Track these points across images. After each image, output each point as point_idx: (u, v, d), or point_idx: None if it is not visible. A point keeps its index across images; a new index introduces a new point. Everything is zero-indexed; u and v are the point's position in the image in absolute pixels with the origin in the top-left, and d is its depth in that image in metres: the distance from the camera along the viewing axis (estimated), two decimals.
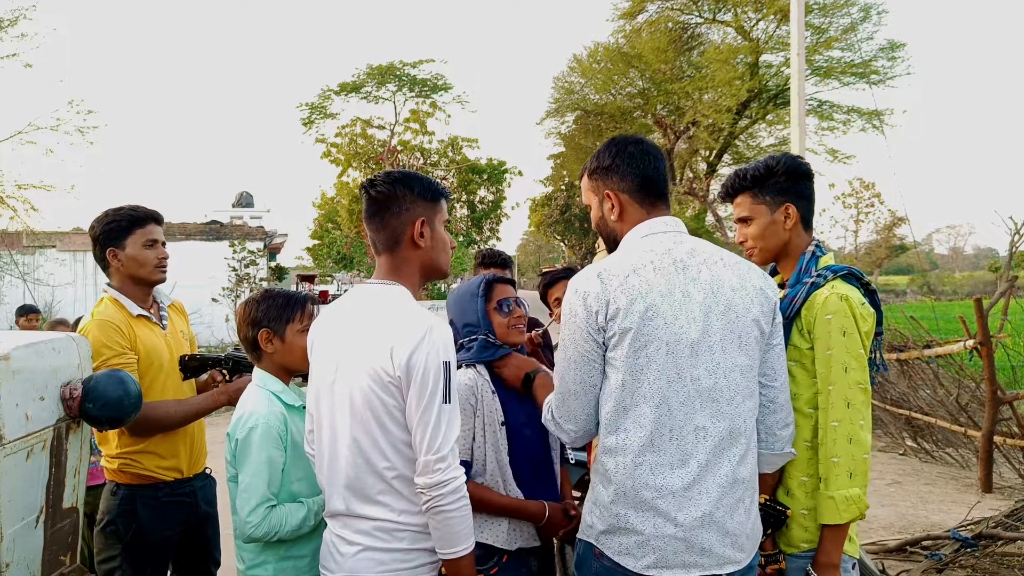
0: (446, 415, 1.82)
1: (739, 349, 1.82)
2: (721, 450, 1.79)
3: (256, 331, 2.33)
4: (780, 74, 23.82)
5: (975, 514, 5.02)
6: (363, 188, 2.03)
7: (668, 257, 1.85)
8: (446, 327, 1.90)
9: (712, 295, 1.82)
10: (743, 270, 1.90)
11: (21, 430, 1.90)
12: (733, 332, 1.82)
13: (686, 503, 1.76)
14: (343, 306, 2.05)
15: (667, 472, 1.77)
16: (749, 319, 1.84)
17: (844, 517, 1.98)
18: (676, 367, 1.77)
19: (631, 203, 1.97)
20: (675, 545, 1.76)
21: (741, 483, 1.81)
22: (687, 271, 1.84)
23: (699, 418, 1.78)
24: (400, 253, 1.99)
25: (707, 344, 1.79)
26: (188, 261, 17.03)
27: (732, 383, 1.81)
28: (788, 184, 2.19)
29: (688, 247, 1.89)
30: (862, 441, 2.00)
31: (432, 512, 1.80)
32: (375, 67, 30.80)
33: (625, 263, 1.85)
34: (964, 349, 6.25)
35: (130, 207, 2.76)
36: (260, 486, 2.15)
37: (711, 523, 1.77)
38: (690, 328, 1.78)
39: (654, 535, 1.76)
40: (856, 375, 2.01)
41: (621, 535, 1.80)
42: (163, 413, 2.63)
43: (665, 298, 1.79)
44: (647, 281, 1.80)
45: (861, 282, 2.16)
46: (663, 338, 1.77)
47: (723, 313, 1.81)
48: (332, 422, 1.95)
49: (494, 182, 33.69)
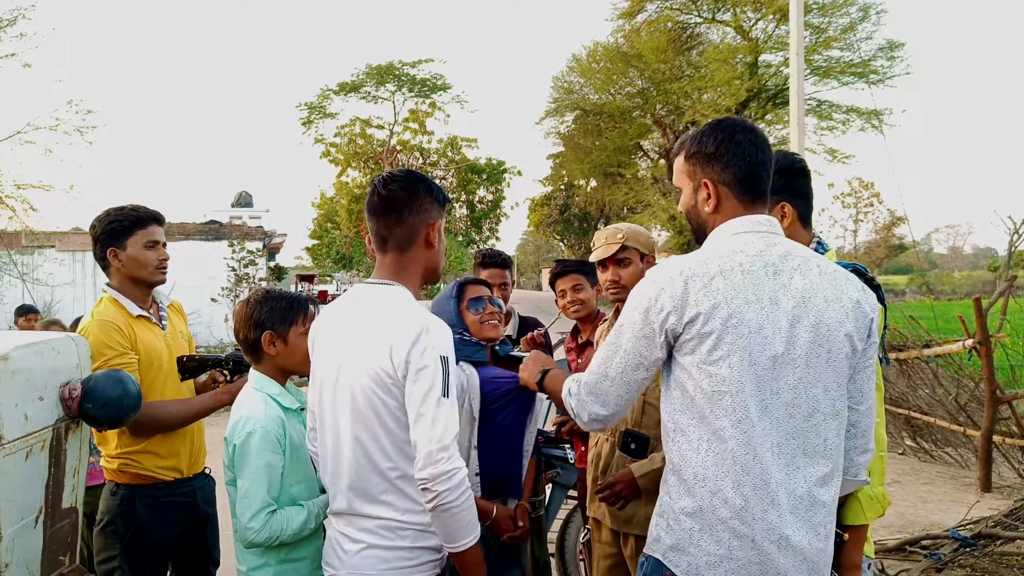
0: (445, 409, 1.81)
1: (826, 364, 1.70)
2: (797, 469, 1.68)
3: (259, 333, 2.31)
4: (779, 74, 23.84)
5: (974, 513, 5.02)
6: (382, 183, 1.99)
7: (760, 260, 1.72)
8: (444, 325, 1.91)
9: (802, 305, 1.70)
10: (839, 280, 1.77)
11: (20, 430, 1.89)
12: (821, 347, 1.70)
13: (763, 525, 1.65)
14: (344, 305, 2.05)
15: (747, 491, 1.65)
16: (841, 334, 1.71)
17: (869, 517, 1.96)
18: (756, 380, 1.66)
19: (729, 197, 1.82)
20: (750, 569, 1.66)
21: (822, 507, 1.70)
22: (778, 277, 1.71)
23: (775, 435, 1.67)
24: (409, 253, 1.99)
25: (791, 357, 1.68)
26: (187, 261, 17.03)
27: (812, 400, 1.69)
28: (782, 182, 2.14)
29: (782, 250, 1.76)
30: (879, 439, 1.97)
31: (438, 508, 1.79)
32: (374, 67, 30.84)
33: (712, 263, 1.72)
34: (963, 349, 6.26)
35: (132, 207, 2.75)
36: (260, 492, 2.15)
37: (788, 547, 1.66)
38: (775, 339, 1.67)
39: (727, 556, 1.66)
40: None
41: (689, 554, 1.70)
42: (166, 413, 2.63)
43: (751, 305, 1.67)
44: (734, 285, 1.68)
45: (865, 278, 2.15)
46: (746, 348, 1.65)
47: (813, 325, 1.69)
48: (335, 422, 1.95)
49: (493, 182, 33.71)
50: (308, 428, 2.14)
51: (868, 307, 1.78)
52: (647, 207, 26.16)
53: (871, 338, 1.79)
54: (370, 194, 2.02)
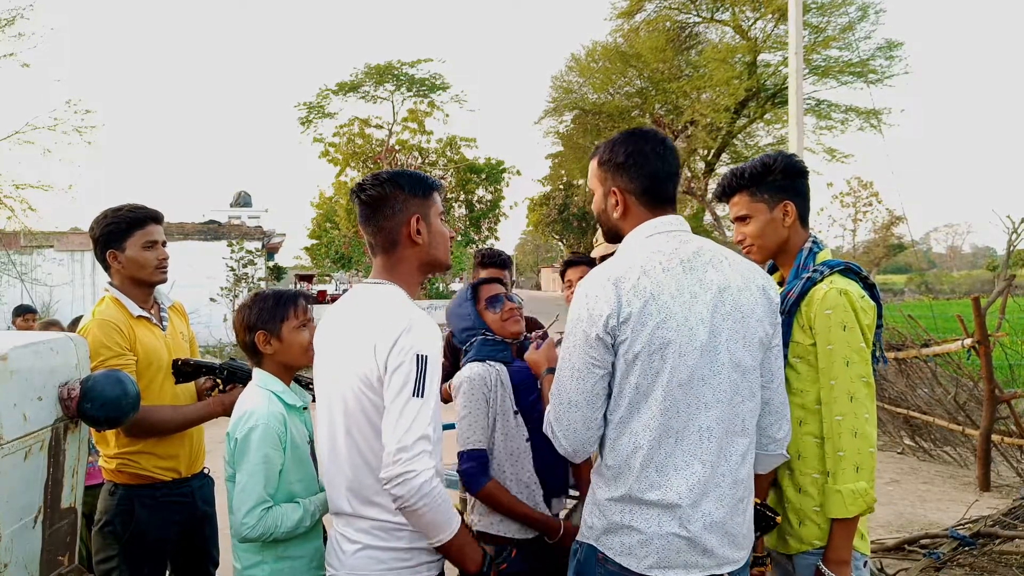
0: (414, 408, 1.77)
1: (744, 349, 1.81)
2: (723, 451, 1.78)
3: (253, 335, 2.35)
4: (778, 73, 23.82)
5: (973, 512, 5.02)
6: (354, 193, 2.02)
7: (675, 257, 1.83)
8: (430, 322, 1.89)
9: (719, 296, 1.80)
10: (747, 270, 1.89)
11: (19, 430, 1.89)
12: (738, 332, 1.81)
13: (690, 504, 1.75)
14: (342, 306, 2.07)
15: (672, 473, 1.75)
16: (754, 319, 1.83)
17: (851, 511, 1.98)
18: (686, 369, 1.75)
19: (636, 204, 1.93)
20: (677, 544, 1.75)
21: (742, 484, 1.82)
22: (694, 272, 1.82)
23: (703, 419, 1.76)
24: (397, 253, 2.00)
25: (714, 345, 1.78)
26: (186, 261, 17.03)
27: (734, 383, 1.80)
28: (786, 182, 2.21)
29: (694, 247, 1.87)
30: (867, 435, 2.00)
31: (404, 511, 1.77)
32: (373, 66, 30.85)
33: (633, 264, 1.81)
34: (962, 348, 6.26)
35: (129, 207, 2.75)
36: (257, 487, 2.16)
37: (714, 524, 1.76)
38: (699, 329, 1.76)
39: (657, 534, 1.75)
40: (858, 369, 2.02)
41: (623, 534, 1.78)
42: (158, 418, 2.62)
43: (676, 299, 1.77)
44: (657, 282, 1.78)
45: (860, 276, 2.17)
46: (675, 340, 1.75)
47: (729, 314, 1.80)
48: (331, 423, 1.97)
49: (492, 181, 33.71)
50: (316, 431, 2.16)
51: (773, 292, 1.91)
52: None
53: (777, 321, 1.91)
54: None
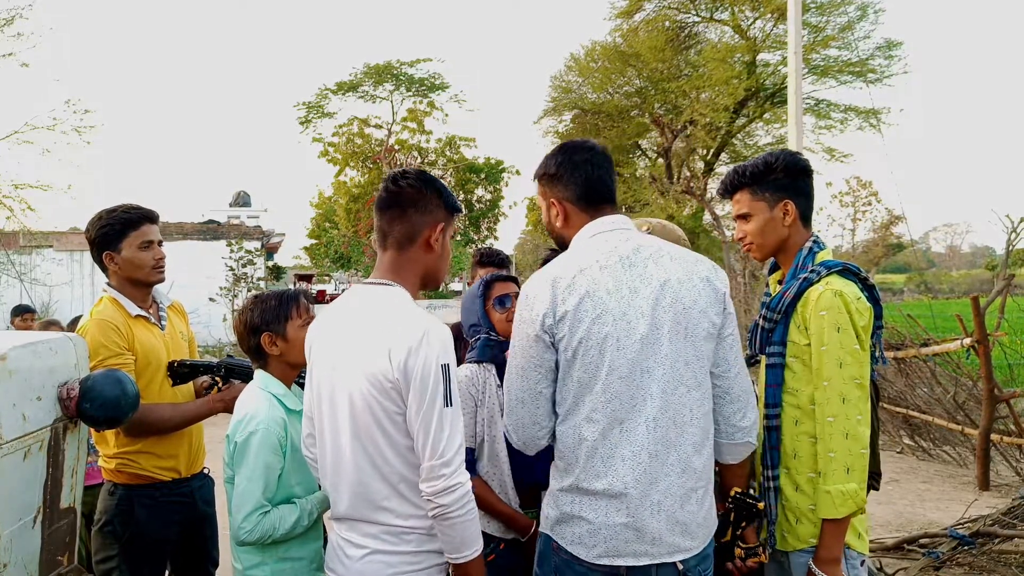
0: (448, 418, 1.79)
1: (685, 340, 1.85)
2: (671, 440, 1.83)
3: (258, 337, 2.33)
4: (777, 73, 23.81)
5: (972, 512, 5.03)
6: (392, 179, 1.99)
7: (614, 255, 1.89)
8: (444, 329, 1.88)
9: (660, 289, 1.85)
10: (690, 263, 1.93)
11: (18, 430, 1.89)
12: (680, 324, 1.85)
13: (638, 493, 1.80)
14: (342, 307, 2.03)
15: (619, 463, 1.81)
16: (696, 311, 1.87)
17: (841, 512, 1.98)
18: (627, 362, 1.81)
19: (575, 211, 2.01)
20: (626, 534, 1.80)
21: (693, 473, 1.85)
22: (634, 267, 1.88)
23: (649, 409, 1.82)
24: (408, 252, 1.97)
25: (656, 337, 1.83)
26: (185, 261, 17.03)
27: (677, 374, 1.84)
28: (787, 180, 2.20)
29: (634, 244, 1.92)
30: (859, 436, 2.00)
31: (440, 519, 1.78)
32: (372, 66, 30.81)
33: (572, 264, 1.89)
34: (961, 347, 6.26)
35: (123, 208, 2.74)
36: (255, 492, 2.15)
37: (661, 512, 1.81)
38: (639, 323, 1.82)
39: (605, 524, 1.81)
40: (851, 370, 2.02)
41: (574, 524, 1.85)
42: (158, 417, 2.62)
43: (612, 295, 1.83)
44: (593, 280, 1.85)
45: (858, 277, 2.16)
46: (613, 334, 1.81)
47: (670, 306, 1.85)
48: (334, 427, 1.93)
49: (492, 181, 33.73)
50: (305, 434, 2.11)
51: (719, 283, 1.93)
52: (645, 206, 26.13)
53: (727, 310, 1.93)
54: (381, 189, 2.02)
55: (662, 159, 27.59)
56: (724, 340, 1.92)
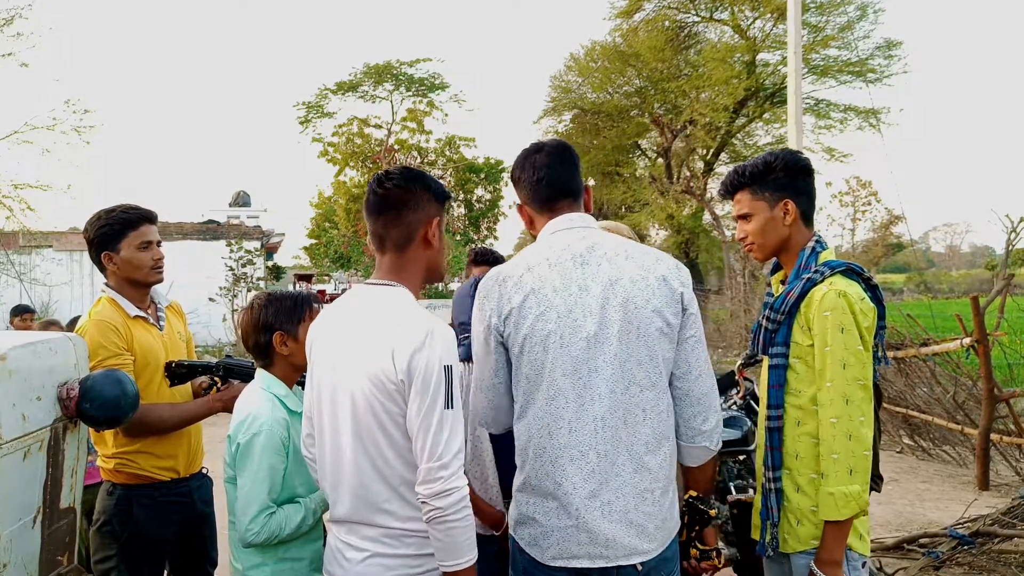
0: (448, 421, 1.77)
1: (638, 340, 1.83)
2: (620, 440, 1.80)
3: (269, 335, 2.32)
4: (777, 73, 23.82)
5: (972, 512, 5.02)
6: (377, 182, 1.96)
7: (567, 252, 1.89)
8: (447, 330, 1.87)
9: (610, 288, 1.84)
10: (647, 262, 1.90)
11: (18, 430, 1.89)
12: (631, 323, 1.82)
13: (586, 494, 1.78)
14: (344, 307, 2.01)
15: (567, 463, 1.79)
16: (649, 310, 1.83)
17: (844, 514, 1.97)
18: (572, 360, 1.81)
19: (534, 212, 2.04)
20: (577, 536, 1.78)
21: (647, 473, 1.82)
22: (586, 266, 1.87)
23: (597, 409, 1.80)
24: (409, 252, 1.95)
25: (604, 336, 1.81)
26: (185, 261, 17.02)
27: (628, 374, 1.82)
28: (787, 180, 2.18)
29: (590, 242, 1.91)
30: (862, 438, 1.98)
31: (434, 522, 1.75)
32: (372, 66, 30.80)
33: (522, 262, 1.91)
34: (961, 347, 6.26)
35: (122, 208, 2.74)
36: (261, 494, 2.15)
37: (613, 513, 1.78)
38: (586, 321, 1.82)
39: (557, 526, 1.80)
40: (855, 371, 2.00)
41: (528, 526, 1.85)
42: (157, 417, 2.62)
43: (559, 292, 1.83)
44: (540, 277, 1.86)
45: (862, 277, 2.15)
46: (557, 332, 1.81)
47: (621, 305, 1.82)
48: (334, 428, 1.91)
49: (491, 181, 33.73)
50: (304, 434, 2.10)
51: (677, 282, 1.89)
52: (645, 206, 26.13)
53: (687, 310, 1.89)
54: (368, 193, 1.99)
55: (662, 159, 27.59)
56: (685, 342, 1.89)
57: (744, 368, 3.98)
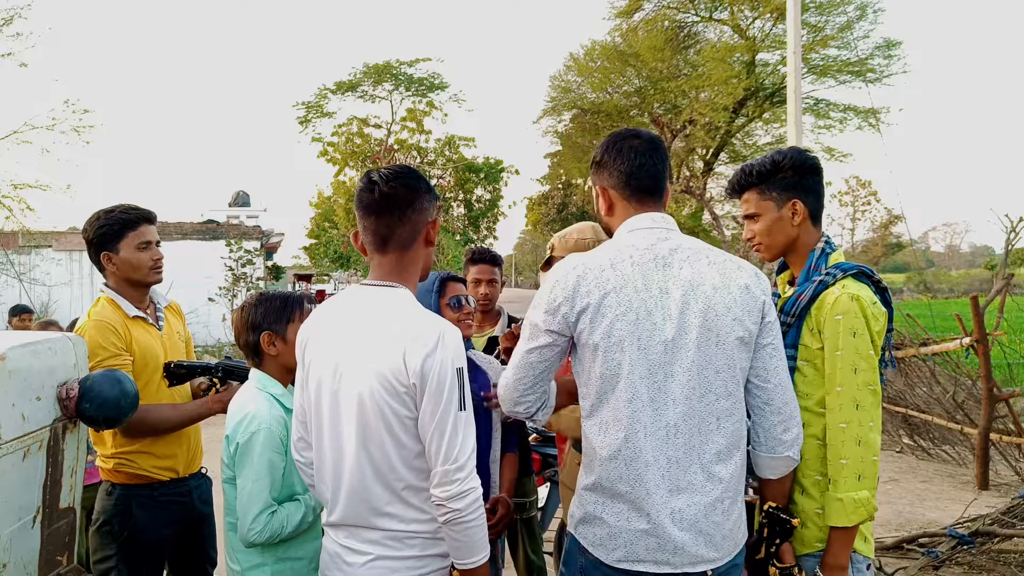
0: (462, 423, 1.77)
1: (716, 348, 1.80)
2: (693, 448, 1.78)
3: (257, 335, 2.32)
4: (776, 72, 23.81)
5: (971, 511, 5.03)
6: (383, 180, 1.89)
7: (650, 253, 1.85)
8: (456, 332, 1.84)
9: (691, 292, 1.80)
10: (729, 268, 1.87)
11: (17, 430, 1.89)
12: (711, 331, 1.79)
13: (657, 499, 1.76)
14: (342, 307, 1.95)
15: (641, 467, 1.77)
16: (729, 318, 1.81)
17: (852, 520, 1.95)
18: (648, 363, 1.77)
19: (619, 199, 1.97)
20: (646, 541, 1.76)
21: (719, 482, 1.79)
22: (668, 268, 1.83)
23: (671, 415, 1.77)
24: (410, 253, 1.93)
25: (683, 342, 1.78)
26: (185, 261, 17.00)
27: (705, 381, 1.79)
28: (795, 179, 2.14)
29: (672, 244, 1.88)
30: (871, 443, 1.96)
31: (451, 524, 1.75)
32: (372, 66, 30.75)
33: (604, 257, 1.85)
34: (960, 347, 6.26)
35: (121, 209, 2.74)
36: (263, 492, 2.14)
37: (683, 520, 1.76)
38: (665, 325, 1.78)
39: (625, 528, 1.78)
40: (865, 376, 1.97)
41: (594, 525, 1.82)
42: (157, 417, 2.62)
43: (640, 293, 1.79)
44: (623, 275, 1.80)
45: (872, 280, 2.12)
46: (636, 334, 1.77)
47: (702, 311, 1.79)
48: (336, 431, 1.87)
49: (491, 181, 33.67)
50: (296, 437, 2.03)
51: (758, 291, 1.87)
52: None
53: (766, 319, 1.87)
54: (365, 191, 1.92)
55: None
56: (763, 349, 1.87)
57: None
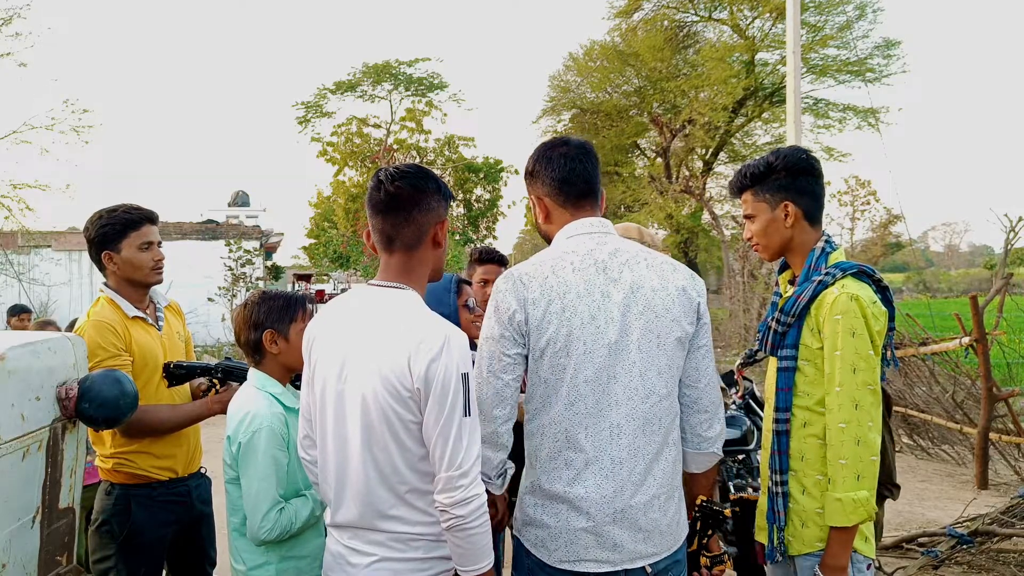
0: (467, 429, 1.75)
1: (658, 349, 1.84)
2: (636, 448, 1.82)
3: (259, 333, 2.32)
4: (776, 72, 23.85)
5: (971, 511, 5.03)
6: (390, 179, 1.88)
7: (589, 258, 1.88)
8: (463, 336, 1.82)
9: (631, 295, 1.84)
10: (666, 271, 1.92)
11: (17, 430, 1.89)
12: (651, 332, 1.84)
13: (597, 498, 1.80)
14: (349, 308, 1.93)
15: (581, 468, 1.80)
16: (669, 319, 1.85)
17: (851, 520, 1.95)
18: (593, 366, 1.80)
19: (554, 206, 2.00)
20: (585, 539, 1.80)
21: (654, 480, 1.84)
22: (608, 272, 1.86)
23: (614, 416, 1.81)
24: (418, 253, 1.90)
25: (625, 344, 1.82)
26: (184, 261, 17.01)
27: (648, 383, 1.83)
28: (787, 181, 2.14)
29: (611, 248, 1.91)
30: (870, 443, 1.96)
31: (454, 530, 1.73)
32: (371, 66, 30.74)
33: (545, 264, 1.88)
34: (960, 346, 6.27)
35: (124, 208, 2.74)
36: (270, 490, 2.15)
37: (622, 519, 1.80)
38: (608, 328, 1.81)
39: (565, 528, 1.81)
40: (865, 376, 1.97)
41: (535, 527, 1.86)
42: (156, 418, 2.62)
43: (583, 298, 1.82)
44: (565, 281, 1.84)
45: (873, 279, 2.11)
46: (580, 338, 1.80)
47: (642, 313, 1.83)
48: (341, 433, 1.86)
49: (490, 181, 33.69)
50: (301, 435, 2.04)
51: (694, 292, 1.93)
52: (644, 205, 26.13)
53: (701, 320, 1.93)
54: (374, 189, 1.90)
55: (661, 158, 27.60)
56: (697, 350, 1.92)
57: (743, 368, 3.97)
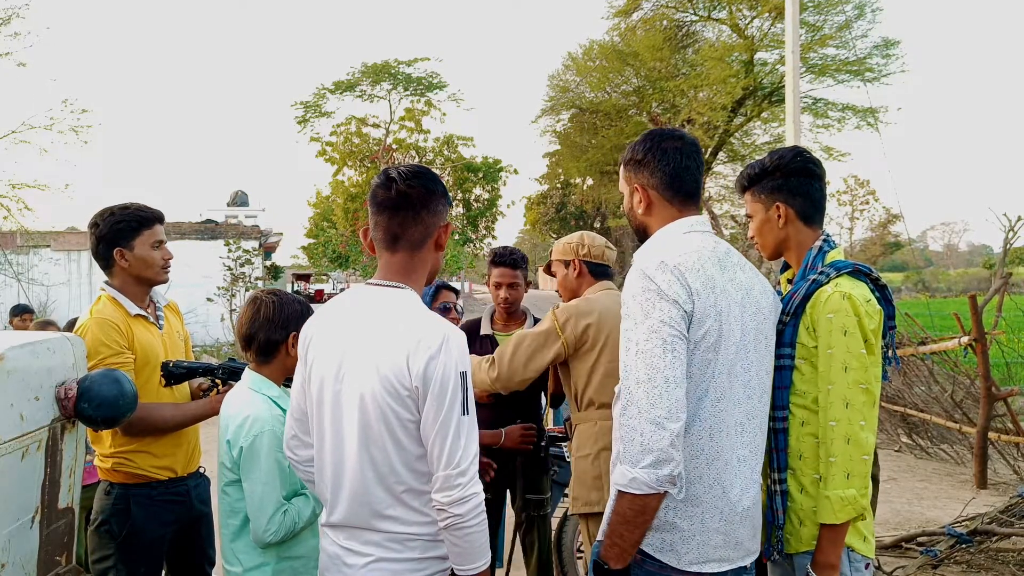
0: (465, 428, 1.74)
1: (765, 350, 1.90)
2: (756, 446, 1.88)
3: (285, 334, 2.32)
4: (775, 72, 23.84)
5: (970, 510, 5.03)
6: (401, 179, 1.87)
7: (713, 255, 1.87)
8: (461, 335, 1.81)
9: (746, 295, 1.87)
10: (761, 276, 1.98)
11: (16, 430, 1.89)
12: (761, 332, 1.88)
13: (734, 498, 1.81)
14: (347, 307, 1.93)
15: (718, 466, 1.80)
16: (771, 323, 1.93)
17: (839, 517, 1.95)
18: (728, 363, 1.81)
19: (659, 199, 1.97)
20: (716, 539, 1.80)
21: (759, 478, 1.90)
22: (727, 271, 1.87)
23: (737, 414, 1.83)
24: (420, 254, 1.90)
25: (744, 343, 1.84)
26: (183, 260, 16.96)
27: (761, 382, 1.88)
28: (780, 182, 2.16)
29: (724, 247, 1.93)
30: (861, 442, 1.96)
31: (451, 529, 1.73)
32: (370, 65, 30.71)
33: (692, 256, 1.82)
34: (959, 346, 6.27)
35: (136, 207, 2.74)
36: (274, 493, 2.15)
37: (746, 517, 1.84)
38: (735, 326, 1.82)
39: (700, 530, 1.79)
40: (856, 375, 1.97)
41: (664, 531, 1.79)
42: (159, 417, 2.62)
43: (723, 295, 1.82)
44: (711, 276, 1.82)
45: (870, 278, 2.12)
46: (724, 333, 1.79)
47: (754, 314, 1.87)
48: (337, 432, 1.85)
49: (489, 180, 33.69)
50: (289, 435, 2.00)
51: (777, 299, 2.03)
52: None
53: None
54: (382, 187, 1.88)
55: None
56: None
57: None
